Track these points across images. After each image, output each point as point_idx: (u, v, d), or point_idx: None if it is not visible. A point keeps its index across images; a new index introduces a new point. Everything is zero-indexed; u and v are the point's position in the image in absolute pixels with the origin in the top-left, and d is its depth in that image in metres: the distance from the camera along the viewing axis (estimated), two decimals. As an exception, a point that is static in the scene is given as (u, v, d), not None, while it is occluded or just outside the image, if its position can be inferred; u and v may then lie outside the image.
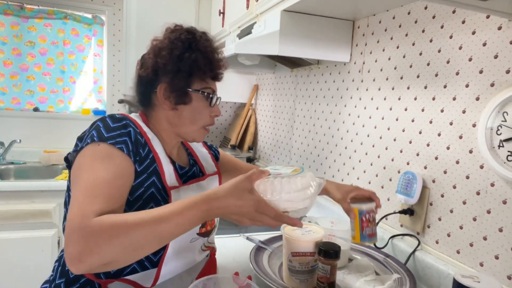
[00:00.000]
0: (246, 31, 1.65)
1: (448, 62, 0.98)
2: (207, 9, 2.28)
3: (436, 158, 1.01)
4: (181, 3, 2.20)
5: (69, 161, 0.75)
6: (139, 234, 0.60)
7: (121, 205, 0.69)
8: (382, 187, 1.22)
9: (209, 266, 0.89)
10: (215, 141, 2.76)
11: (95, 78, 2.63)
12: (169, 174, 0.80)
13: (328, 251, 0.80)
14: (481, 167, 0.88)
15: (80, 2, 2.47)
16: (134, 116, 0.83)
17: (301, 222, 0.69)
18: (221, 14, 2.02)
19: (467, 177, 0.92)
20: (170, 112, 0.83)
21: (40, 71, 2.46)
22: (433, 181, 1.02)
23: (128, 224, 0.60)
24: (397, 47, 1.17)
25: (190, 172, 0.89)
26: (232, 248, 1.17)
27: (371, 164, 1.28)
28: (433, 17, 1.03)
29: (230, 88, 2.48)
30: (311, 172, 0.75)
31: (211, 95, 0.84)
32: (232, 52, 1.36)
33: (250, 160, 2.27)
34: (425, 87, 1.06)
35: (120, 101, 2.41)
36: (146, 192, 0.74)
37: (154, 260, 0.76)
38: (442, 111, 1.00)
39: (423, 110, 1.06)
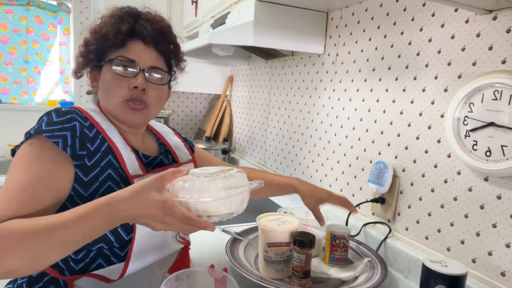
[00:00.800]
0: (220, 21, 1.62)
1: (418, 54, 1.01)
2: (179, -3, 2.23)
3: (406, 148, 1.04)
4: (152, -9, 2.14)
5: None
6: (35, 243, 0.56)
7: (43, 209, 0.64)
8: (355, 177, 1.25)
9: (182, 259, 0.86)
10: (190, 133, 2.72)
11: (61, 68, 2.52)
12: (131, 163, 0.75)
13: (303, 241, 0.81)
14: (449, 156, 0.92)
15: (43, -13, 2.34)
16: (90, 108, 0.80)
17: (213, 225, 0.60)
18: (194, 3, 1.98)
19: (435, 166, 0.95)
20: (97, 93, 0.83)
21: (1, 61, 2.32)
22: (403, 170, 1.05)
23: (24, 232, 0.57)
24: (370, 39, 1.19)
25: (156, 161, 0.84)
26: (207, 240, 1.16)
27: (345, 155, 1.31)
28: (404, 9, 1.05)
29: (205, 79, 2.44)
30: (244, 174, 0.68)
31: (112, 61, 0.76)
32: (206, 42, 1.34)
33: (225, 152, 2.26)
34: (396, 79, 1.08)
35: (88, 92, 2.32)
36: (102, 186, 0.71)
37: (121, 255, 0.73)
38: (412, 102, 1.03)
39: (394, 102, 1.09)
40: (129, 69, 0.76)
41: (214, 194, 0.60)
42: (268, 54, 1.83)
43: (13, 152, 0.73)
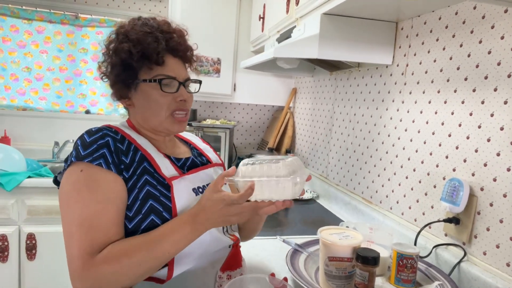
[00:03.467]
0: (285, 35, 1.66)
1: (499, 64, 0.93)
2: (247, 14, 2.32)
3: (485, 165, 0.96)
4: (223, 10, 2.26)
5: (59, 183, 0.77)
6: (138, 261, 0.67)
7: (122, 228, 0.72)
8: (426, 194, 1.18)
9: (233, 258, 0.85)
10: (253, 144, 2.79)
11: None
12: (165, 167, 0.80)
13: (366, 257, 0.79)
14: (536, 175, 0.82)
15: (128, 11, 2.61)
16: (120, 124, 0.85)
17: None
18: (261, 19, 2.05)
19: (520, 186, 0.86)
20: (132, 109, 0.84)
21: (91, 76, 2.62)
22: (481, 189, 0.97)
23: (128, 253, 0.67)
24: (444, 49, 1.13)
25: (188, 162, 0.87)
26: (268, 249, 1.18)
27: (414, 170, 1.24)
28: (483, 17, 0.98)
29: (268, 91, 2.49)
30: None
31: (161, 81, 0.79)
32: (271, 56, 1.38)
33: (287, 163, 2.27)
34: (474, 90, 1.01)
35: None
36: (141, 192, 0.75)
37: None
38: (492, 115, 0.95)
39: (471, 114, 1.01)
40: (171, 85, 0.81)
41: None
42: (333, 66, 1.82)
43: (55, 179, 0.79)
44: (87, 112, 2.64)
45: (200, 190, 0.84)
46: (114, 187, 0.72)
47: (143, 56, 0.78)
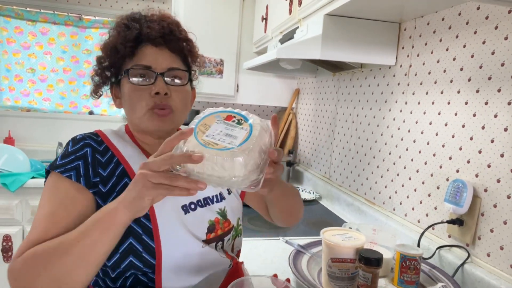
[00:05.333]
0: (288, 36, 1.66)
1: (502, 64, 0.93)
2: (250, 15, 2.32)
3: (489, 166, 0.95)
4: (225, 11, 2.26)
5: None
6: (56, 259, 0.58)
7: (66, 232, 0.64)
8: (429, 195, 1.17)
9: (232, 279, 0.75)
10: (256, 145, 2.79)
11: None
12: None
13: (369, 259, 0.78)
14: (540, 176, 0.82)
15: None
16: (111, 130, 0.78)
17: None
18: (264, 20, 2.05)
19: (524, 187, 0.86)
20: (124, 110, 0.78)
21: (95, 77, 2.63)
22: (485, 190, 0.96)
23: (45, 250, 0.60)
24: (447, 49, 1.12)
25: None
26: (271, 250, 1.18)
27: (417, 171, 1.24)
28: (486, 17, 0.98)
29: (271, 92, 2.49)
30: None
31: (128, 71, 0.72)
32: (274, 57, 1.38)
33: (290, 164, 2.27)
34: (477, 91, 1.00)
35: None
36: None
37: (151, 276, 0.69)
38: (495, 116, 0.94)
39: (474, 115, 1.01)
40: (147, 76, 0.72)
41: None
42: (335, 66, 1.82)
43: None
44: (91, 113, 2.65)
45: (192, 206, 0.75)
46: (73, 195, 0.68)
47: (113, 50, 0.73)
